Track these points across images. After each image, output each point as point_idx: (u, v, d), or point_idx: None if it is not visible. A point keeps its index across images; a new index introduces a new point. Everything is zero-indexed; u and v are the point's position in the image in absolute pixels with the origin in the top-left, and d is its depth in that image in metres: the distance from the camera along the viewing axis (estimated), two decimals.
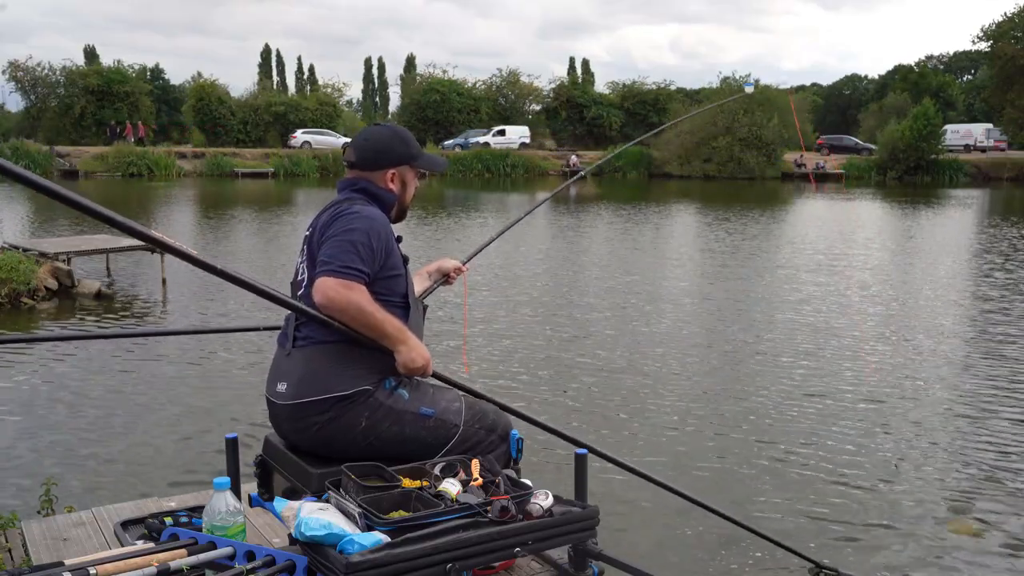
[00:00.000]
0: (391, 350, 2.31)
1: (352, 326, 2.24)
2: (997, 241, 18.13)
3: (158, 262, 11.83)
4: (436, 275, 3.00)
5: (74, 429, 6.01)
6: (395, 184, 2.52)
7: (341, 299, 2.20)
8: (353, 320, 2.23)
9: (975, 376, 7.60)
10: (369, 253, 2.29)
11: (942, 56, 76.92)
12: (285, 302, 2.23)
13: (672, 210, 26.39)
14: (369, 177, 2.49)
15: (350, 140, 2.62)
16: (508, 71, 56.23)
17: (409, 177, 2.57)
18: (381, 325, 2.27)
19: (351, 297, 2.21)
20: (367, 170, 2.50)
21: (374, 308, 2.26)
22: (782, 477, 5.29)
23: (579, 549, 2.45)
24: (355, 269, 2.24)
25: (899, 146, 43.53)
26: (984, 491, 5.10)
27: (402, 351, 2.31)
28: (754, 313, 10.34)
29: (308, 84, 69.44)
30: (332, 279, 2.21)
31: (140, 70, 55.79)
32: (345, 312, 2.22)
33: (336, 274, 2.22)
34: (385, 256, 2.35)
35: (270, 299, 2.16)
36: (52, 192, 1.66)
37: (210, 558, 2.07)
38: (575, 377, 7.48)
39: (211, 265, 1.97)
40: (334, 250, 2.26)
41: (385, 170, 2.50)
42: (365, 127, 2.68)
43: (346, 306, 2.21)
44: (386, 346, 2.30)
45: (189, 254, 1.94)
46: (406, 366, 2.32)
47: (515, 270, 13.38)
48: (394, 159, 2.51)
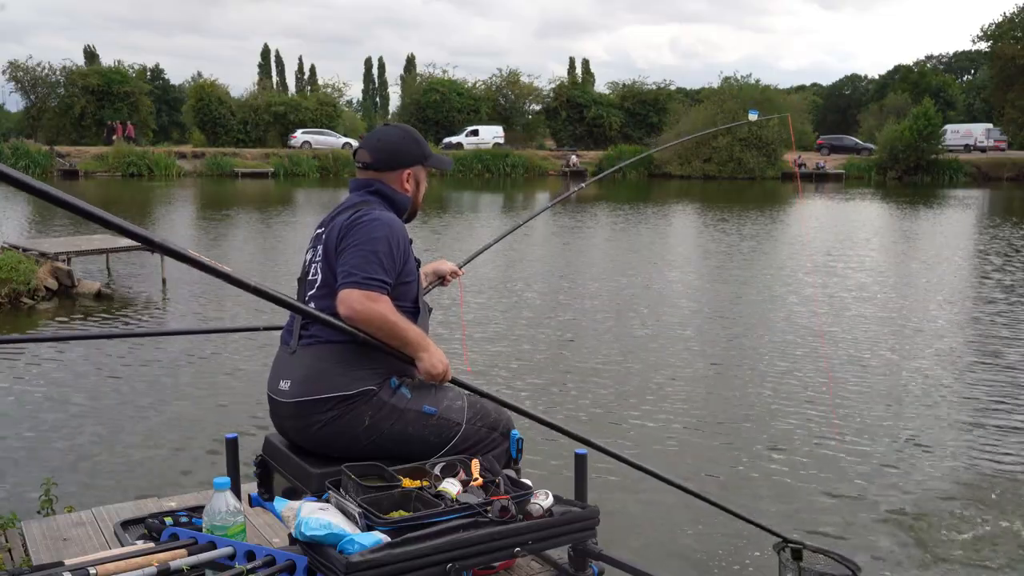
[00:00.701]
0: (412, 357, 2.32)
1: (377, 336, 2.26)
2: (997, 241, 18.14)
3: (158, 262, 11.83)
4: (432, 277, 3.02)
5: (74, 429, 6.01)
6: (410, 184, 2.55)
7: (366, 311, 2.22)
8: (378, 331, 2.25)
9: (971, 374, 7.61)
10: (391, 263, 2.31)
11: (942, 56, 77.03)
12: (298, 308, 2.22)
13: (672, 211, 26.39)
14: (385, 179, 2.51)
15: (359, 142, 2.64)
16: (508, 71, 56.33)
17: (422, 176, 2.60)
18: (404, 334, 2.29)
19: (377, 309, 2.23)
20: (383, 171, 2.51)
21: (398, 318, 2.28)
22: (780, 475, 5.29)
23: (579, 549, 2.45)
24: (378, 280, 2.26)
25: (899, 146, 43.53)
26: (974, 486, 5.11)
27: (424, 358, 2.32)
28: (753, 315, 10.34)
29: (308, 84, 69.46)
30: (357, 291, 2.23)
31: (140, 70, 55.81)
32: (371, 323, 2.24)
33: (360, 286, 2.23)
34: (403, 263, 2.37)
35: (283, 305, 2.13)
36: (48, 196, 1.65)
37: (210, 558, 2.07)
38: (573, 377, 7.48)
39: (228, 274, 1.94)
40: (357, 260, 2.27)
41: (401, 170, 2.52)
42: (376, 128, 2.69)
43: (371, 318, 2.23)
44: (408, 353, 2.32)
45: (203, 262, 1.93)
46: (428, 372, 2.34)
47: (514, 270, 13.38)
48: (409, 159, 2.53)
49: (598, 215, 23.82)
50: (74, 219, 18.18)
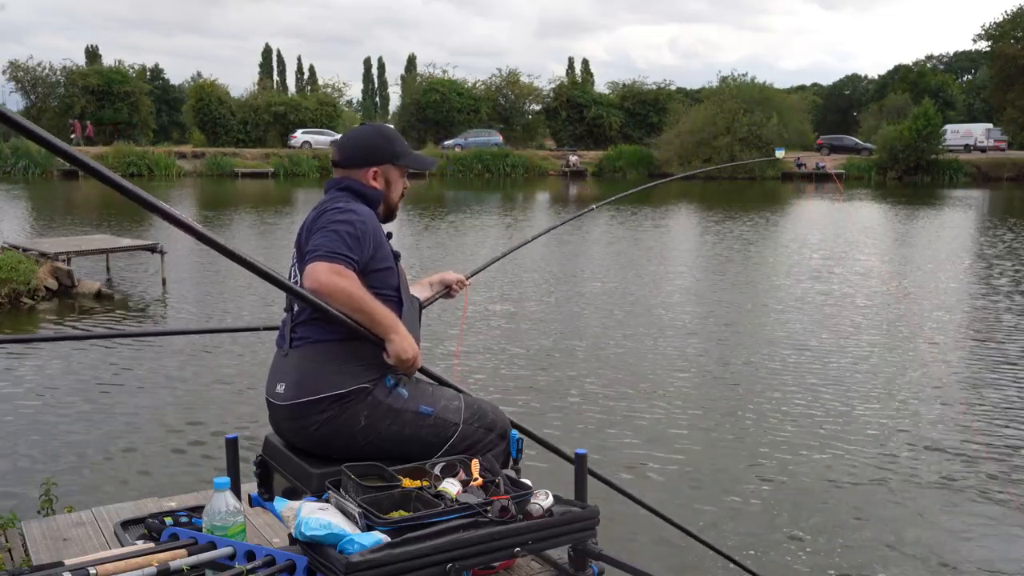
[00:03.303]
0: (383, 338, 2.31)
1: (343, 311, 2.24)
2: (998, 242, 18.13)
3: (158, 262, 11.83)
4: (438, 286, 3.00)
5: (74, 429, 6.01)
6: (378, 182, 2.54)
7: (330, 283, 2.21)
8: (344, 304, 2.24)
9: (975, 383, 7.60)
10: (356, 242, 2.30)
11: (942, 56, 76.93)
12: (285, 284, 2.22)
13: (672, 211, 26.37)
14: (353, 175, 2.52)
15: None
16: (508, 71, 56.30)
17: (394, 176, 2.58)
18: (372, 310, 2.27)
19: (340, 282, 2.22)
20: (350, 168, 2.53)
21: (363, 293, 2.27)
22: (778, 491, 5.29)
23: (579, 549, 2.45)
24: (343, 255, 2.26)
25: (898, 146, 43.49)
26: (979, 502, 5.11)
27: (394, 340, 2.31)
28: (752, 318, 10.33)
29: (308, 84, 69.46)
30: (321, 263, 2.23)
31: (140, 70, 55.81)
32: (334, 296, 2.22)
33: (324, 259, 2.24)
34: (374, 248, 2.36)
35: (273, 282, 2.14)
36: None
37: (210, 558, 2.06)
38: (573, 382, 7.47)
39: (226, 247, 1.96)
40: (321, 239, 2.29)
41: (367, 168, 2.52)
42: (352, 127, 2.70)
43: (335, 290, 2.22)
44: (378, 334, 2.30)
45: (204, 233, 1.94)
46: (397, 356, 2.31)
47: (513, 270, 13.37)
48: (376, 158, 2.53)
49: (598, 215, 23.79)
50: (74, 219, 18.18)
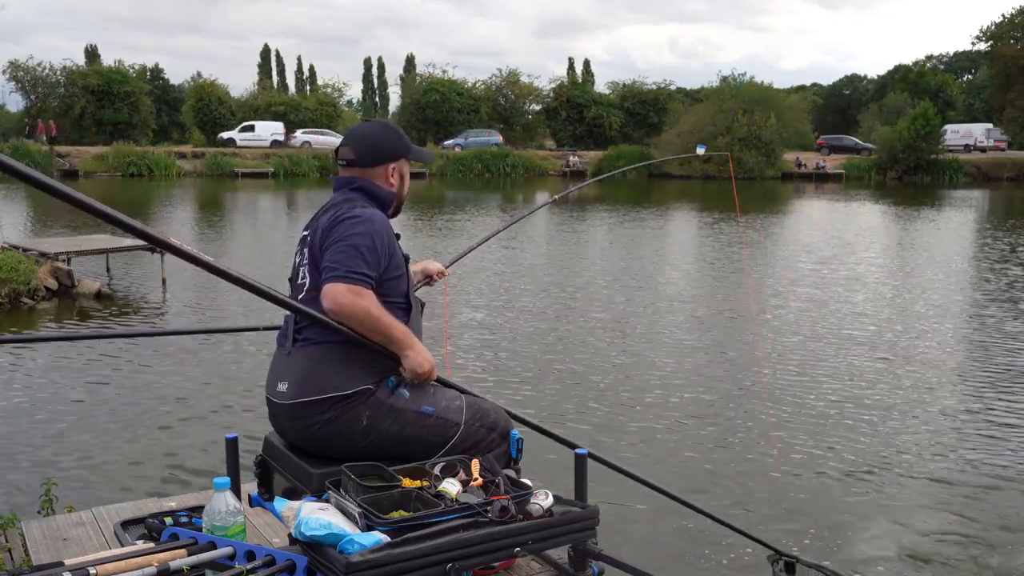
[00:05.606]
0: (398, 354, 2.32)
1: (360, 331, 2.26)
2: (997, 243, 18.13)
3: (158, 262, 11.83)
4: (419, 276, 3.02)
5: (74, 429, 6.01)
6: (395, 179, 2.54)
7: (350, 305, 2.22)
8: (362, 326, 2.26)
9: (971, 381, 7.61)
10: (374, 257, 2.30)
11: (942, 56, 76.88)
12: (290, 305, 2.24)
13: (672, 211, 26.37)
14: (368, 174, 2.50)
15: (342, 139, 2.62)
16: (508, 71, 56.30)
17: (406, 170, 2.60)
18: (389, 330, 2.29)
19: (360, 303, 2.23)
20: (367, 167, 2.50)
21: (381, 313, 2.28)
22: (779, 484, 5.29)
23: (579, 549, 2.45)
24: (362, 274, 2.25)
25: (898, 146, 43.49)
26: (972, 499, 5.11)
27: (409, 355, 2.33)
28: (750, 319, 10.33)
29: (308, 84, 69.42)
30: (341, 285, 2.23)
31: (140, 70, 55.79)
32: (354, 318, 2.24)
33: (344, 279, 2.23)
34: (388, 257, 2.36)
35: (276, 302, 2.17)
36: (58, 192, 1.66)
37: (210, 558, 2.06)
38: (571, 378, 7.47)
39: (221, 268, 1.96)
40: (340, 255, 2.27)
41: (386, 165, 2.51)
42: (355, 125, 2.69)
43: (355, 312, 2.23)
44: (393, 351, 2.32)
45: (199, 257, 1.93)
46: (413, 371, 2.34)
47: (512, 270, 13.37)
48: (393, 153, 2.53)
49: (598, 216, 23.80)
50: (74, 219, 18.18)
